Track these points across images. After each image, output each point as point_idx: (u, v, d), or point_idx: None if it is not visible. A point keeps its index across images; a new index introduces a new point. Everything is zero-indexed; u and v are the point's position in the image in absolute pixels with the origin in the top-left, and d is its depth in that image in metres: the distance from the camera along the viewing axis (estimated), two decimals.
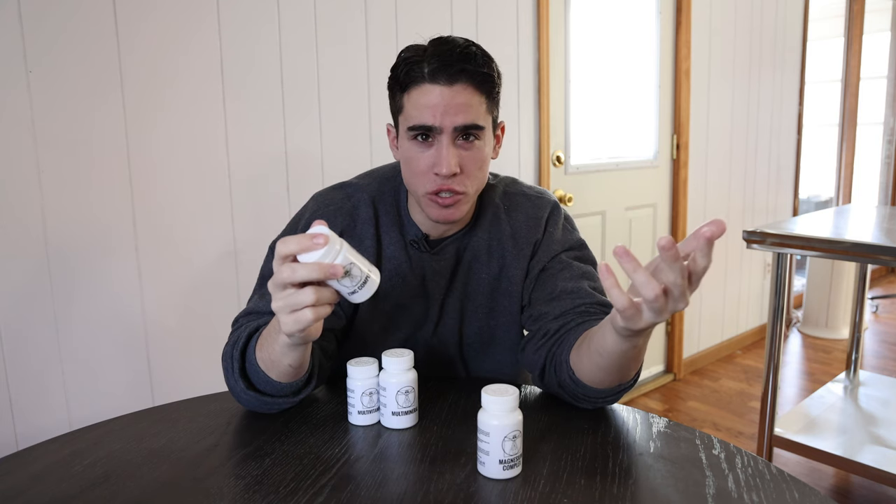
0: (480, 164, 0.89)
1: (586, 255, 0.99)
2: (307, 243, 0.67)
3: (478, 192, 0.92)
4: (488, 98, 0.87)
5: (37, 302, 1.29)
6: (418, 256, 0.96)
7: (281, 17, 1.57)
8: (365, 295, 0.71)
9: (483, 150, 0.89)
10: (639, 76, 2.63)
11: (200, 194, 1.48)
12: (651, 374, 2.88)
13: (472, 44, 0.86)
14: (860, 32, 3.87)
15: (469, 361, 1.02)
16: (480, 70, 0.85)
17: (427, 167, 0.87)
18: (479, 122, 0.86)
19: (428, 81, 0.84)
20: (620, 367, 0.77)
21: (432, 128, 0.85)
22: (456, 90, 0.84)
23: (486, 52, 0.87)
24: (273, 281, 0.68)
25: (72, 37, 1.28)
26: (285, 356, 0.76)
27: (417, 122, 0.85)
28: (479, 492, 0.67)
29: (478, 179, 0.90)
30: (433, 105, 0.84)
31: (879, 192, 4.63)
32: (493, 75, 0.87)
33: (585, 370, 0.81)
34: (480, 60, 0.85)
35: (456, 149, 0.86)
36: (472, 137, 0.87)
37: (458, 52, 0.84)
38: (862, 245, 1.68)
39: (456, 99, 0.84)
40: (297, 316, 0.68)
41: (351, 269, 0.68)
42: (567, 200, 2.34)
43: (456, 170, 0.85)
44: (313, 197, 1.00)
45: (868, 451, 1.85)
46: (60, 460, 0.76)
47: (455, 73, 0.83)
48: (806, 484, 0.69)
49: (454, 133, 0.85)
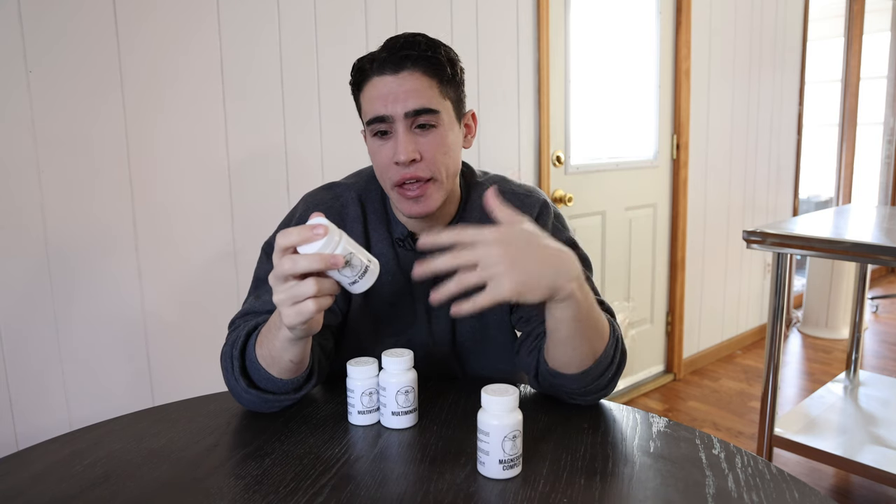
0: (445, 149, 0.88)
1: (577, 253, 0.98)
2: (307, 234, 0.67)
3: (450, 179, 0.91)
4: (440, 82, 0.87)
5: (37, 302, 1.29)
6: (405, 255, 0.96)
7: (281, 17, 1.57)
8: (365, 284, 0.71)
9: (444, 136, 0.88)
10: (639, 76, 2.63)
11: (200, 194, 1.49)
12: (651, 374, 2.88)
13: (420, 34, 0.88)
14: (860, 32, 3.87)
15: (465, 360, 1.02)
16: (424, 54, 0.86)
17: (388, 160, 0.87)
18: (432, 106, 0.86)
19: (376, 74, 0.86)
20: (573, 343, 0.78)
21: (385, 117, 0.85)
22: (403, 77, 0.85)
23: (434, 39, 0.88)
24: (274, 273, 0.68)
25: (72, 37, 1.28)
26: (286, 351, 0.77)
27: (371, 115, 0.87)
28: (479, 492, 0.67)
29: (444, 165, 0.88)
30: (383, 95, 0.85)
31: (879, 192, 4.63)
32: (438, 58, 0.87)
33: (550, 355, 0.82)
34: (424, 46, 0.86)
35: (413, 136, 0.86)
36: (429, 126, 0.87)
37: (401, 42, 0.86)
38: (862, 245, 1.68)
39: (403, 85, 0.85)
40: (300, 308, 0.68)
41: (351, 259, 0.69)
42: (567, 200, 2.34)
43: (414, 156, 0.85)
44: (303, 198, 1.00)
45: (868, 451, 1.85)
46: (60, 460, 0.76)
47: (399, 59, 0.85)
48: (806, 484, 0.69)
49: (408, 120, 0.85)
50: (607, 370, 0.83)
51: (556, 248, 0.73)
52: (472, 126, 0.96)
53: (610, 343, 0.82)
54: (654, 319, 2.85)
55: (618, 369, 0.85)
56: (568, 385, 0.84)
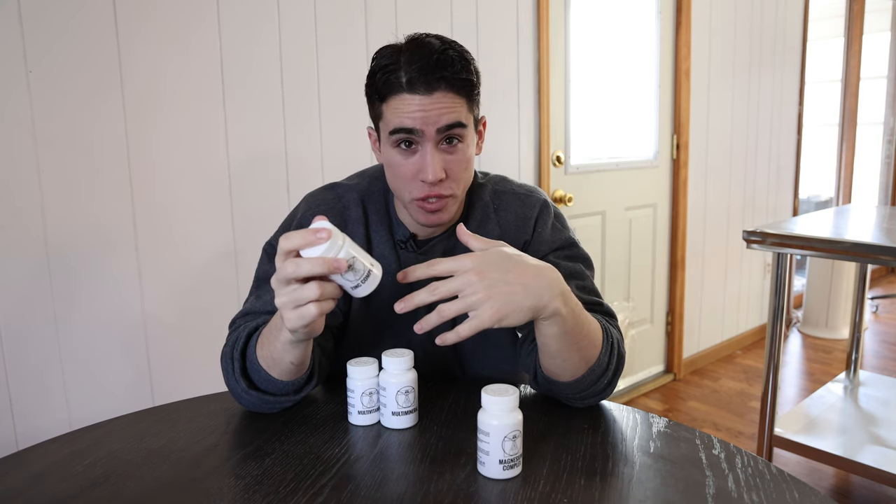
0: (466, 165, 0.88)
1: (577, 252, 0.99)
2: (311, 238, 0.67)
3: (464, 191, 0.92)
4: (468, 100, 0.86)
5: (37, 302, 1.29)
6: (406, 256, 0.96)
7: (281, 17, 1.57)
8: (368, 289, 0.71)
9: (467, 152, 0.88)
10: (639, 76, 2.63)
11: (200, 194, 1.48)
12: (651, 374, 2.88)
13: (449, 46, 0.84)
14: (860, 32, 3.87)
15: (465, 360, 1.02)
16: (459, 77, 0.83)
17: (412, 174, 0.86)
18: (462, 121, 0.85)
19: (406, 91, 0.82)
20: (563, 355, 0.79)
21: (413, 130, 0.83)
22: (435, 98, 0.82)
23: (464, 52, 0.85)
24: (277, 277, 0.68)
25: (72, 37, 1.28)
26: (287, 353, 0.77)
27: (398, 126, 0.83)
28: (479, 492, 0.67)
29: (464, 180, 0.89)
30: (413, 111, 0.82)
31: (879, 192, 4.63)
32: (472, 80, 0.85)
33: (543, 365, 0.83)
34: (459, 66, 0.83)
35: (440, 153, 0.85)
36: (456, 140, 0.86)
37: (434, 58, 0.81)
38: (862, 245, 1.68)
39: (436, 105, 0.82)
40: (302, 311, 0.68)
41: (354, 264, 0.69)
42: (567, 200, 2.34)
43: (441, 175, 0.84)
44: (304, 198, 1.00)
45: (868, 451, 1.85)
46: (60, 460, 0.76)
47: (433, 80, 0.81)
48: (806, 484, 0.69)
49: (437, 137, 0.84)
50: (602, 377, 0.83)
51: (536, 267, 0.74)
52: (482, 132, 0.96)
53: (603, 350, 0.82)
54: (654, 319, 2.85)
55: (614, 374, 0.85)
56: (563, 391, 0.84)
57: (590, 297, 0.93)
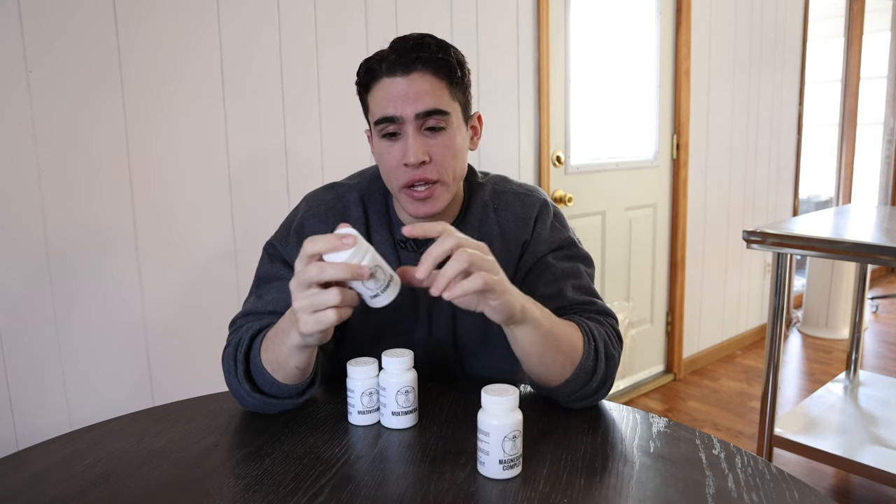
0: (453, 152, 0.88)
1: (576, 252, 0.99)
2: (336, 243, 0.67)
3: (456, 181, 0.91)
4: (450, 84, 0.87)
5: (37, 302, 1.29)
6: (407, 256, 0.96)
7: (281, 17, 1.57)
8: (387, 299, 0.70)
9: (453, 138, 0.88)
10: (639, 76, 2.63)
11: (200, 194, 1.48)
12: (651, 374, 2.88)
13: (428, 35, 0.87)
14: (860, 32, 3.87)
15: (465, 360, 1.02)
16: (435, 56, 0.85)
17: (397, 161, 0.87)
18: (442, 107, 0.86)
19: (386, 75, 0.86)
20: (537, 358, 0.79)
21: (395, 118, 0.85)
22: (413, 79, 0.85)
23: (443, 41, 0.88)
24: (297, 280, 0.68)
25: (72, 37, 1.28)
26: (293, 358, 0.76)
27: (381, 115, 0.86)
28: (479, 492, 0.67)
29: (452, 168, 0.89)
30: (393, 97, 0.85)
31: (879, 192, 4.63)
32: (449, 60, 0.87)
33: (526, 368, 0.84)
34: (434, 48, 0.86)
35: (422, 137, 0.86)
36: (438, 127, 0.87)
37: (411, 43, 0.85)
38: (862, 245, 1.68)
39: (414, 87, 0.85)
40: (320, 316, 0.68)
41: (376, 272, 0.68)
42: (567, 200, 2.34)
43: (424, 157, 0.85)
44: (305, 198, 1.00)
45: (868, 451, 1.85)
46: (60, 460, 0.76)
47: (410, 61, 0.84)
48: (806, 484, 0.69)
49: (418, 122, 0.85)
50: (590, 381, 0.83)
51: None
52: (477, 128, 0.97)
53: (585, 355, 0.82)
54: (654, 319, 2.85)
55: (604, 377, 0.84)
56: (553, 394, 0.85)
57: (584, 296, 0.93)
